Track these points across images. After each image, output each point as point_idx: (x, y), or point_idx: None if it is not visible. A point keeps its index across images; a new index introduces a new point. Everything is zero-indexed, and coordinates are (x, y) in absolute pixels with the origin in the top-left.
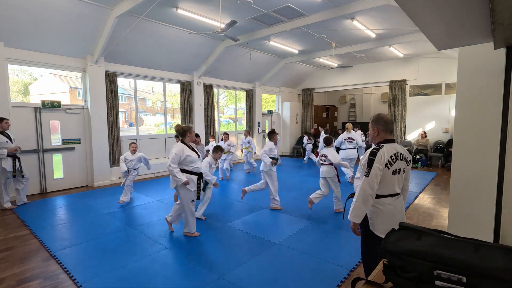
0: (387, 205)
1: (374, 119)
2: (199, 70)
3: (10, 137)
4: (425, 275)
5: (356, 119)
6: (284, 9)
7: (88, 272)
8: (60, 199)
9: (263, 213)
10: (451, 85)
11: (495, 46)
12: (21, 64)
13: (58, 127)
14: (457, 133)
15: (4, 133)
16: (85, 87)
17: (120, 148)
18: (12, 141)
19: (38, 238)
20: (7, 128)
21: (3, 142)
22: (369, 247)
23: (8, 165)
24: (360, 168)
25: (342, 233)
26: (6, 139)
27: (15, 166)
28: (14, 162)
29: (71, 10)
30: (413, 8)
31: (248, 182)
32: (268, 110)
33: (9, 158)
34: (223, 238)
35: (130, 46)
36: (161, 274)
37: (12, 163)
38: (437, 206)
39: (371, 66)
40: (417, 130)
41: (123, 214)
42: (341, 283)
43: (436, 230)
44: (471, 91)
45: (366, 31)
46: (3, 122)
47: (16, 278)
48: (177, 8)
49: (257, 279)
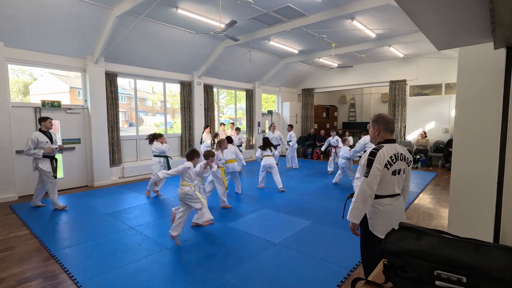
0: (387, 205)
1: (375, 119)
2: (199, 70)
3: (51, 137)
4: (425, 275)
5: (356, 119)
6: (284, 9)
7: (88, 272)
8: (60, 199)
9: (263, 213)
10: (451, 85)
11: (495, 46)
12: (21, 64)
13: (58, 127)
14: (457, 133)
15: (47, 133)
16: (85, 87)
17: (120, 148)
18: (53, 142)
19: (38, 238)
20: (50, 128)
21: (43, 142)
22: (369, 248)
23: (46, 166)
24: (360, 168)
25: (342, 233)
26: (46, 139)
27: (53, 166)
28: (52, 163)
29: (71, 10)
30: (413, 8)
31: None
32: (268, 110)
33: (47, 159)
34: (223, 238)
35: (130, 46)
36: (161, 274)
37: (51, 164)
38: (437, 206)
39: (371, 66)
40: (417, 130)
41: (123, 214)
42: (341, 283)
43: (436, 230)
44: (471, 91)
45: (366, 31)
46: (47, 121)
47: (16, 278)
48: (177, 8)
49: (257, 279)
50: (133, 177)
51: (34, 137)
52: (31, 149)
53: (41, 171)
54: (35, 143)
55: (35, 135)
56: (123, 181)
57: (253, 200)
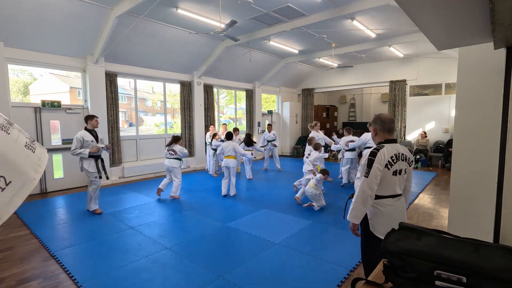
0: (388, 206)
1: (373, 120)
2: (199, 70)
3: (97, 136)
4: (425, 275)
5: (356, 119)
6: (284, 9)
7: (88, 272)
8: (60, 199)
9: (263, 213)
10: (451, 85)
11: (495, 46)
12: (21, 64)
13: (58, 127)
14: (457, 133)
15: (93, 132)
16: (85, 87)
17: (120, 148)
18: (99, 141)
19: (38, 238)
20: (97, 126)
21: (88, 141)
22: (369, 248)
23: (90, 166)
24: (360, 168)
25: (342, 233)
26: (92, 138)
27: (98, 167)
28: (97, 163)
29: (71, 10)
30: (413, 8)
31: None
32: (268, 110)
33: (92, 159)
34: (223, 238)
35: (130, 46)
36: (161, 274)
37: (95, 164)
38: (437, 206)
39: (371, 66)
40: (417, 130)
41: (123, 214)
42: (341, 283)
43: (436, 230)
44: (471, 91)
45: (366, 31)
46: (93, 120)
47: (16, 278)
48: (177, 8)
49: (257, 279)
50: (133, 177)
51: (79, 136)
52: (77, 148)
53: (86, 171)
54: (81, 142)
55: (80, 134)
56: (123, 181)
57: (253, 200)
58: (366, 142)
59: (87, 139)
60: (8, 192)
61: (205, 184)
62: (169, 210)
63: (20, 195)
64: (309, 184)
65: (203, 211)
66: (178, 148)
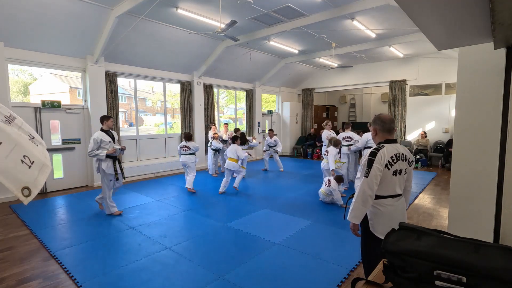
0: (388, 206)
1: (373, 120)
2: (199, 70)
3: (113, 137)
4: (425, 275)
5: (356, 119)
6: (284, 9)
7: (88, 272)
8: (60, 199)
9: (263, 213)
10: (451, 85)
11: (495, 46)
12: (21, 64)
13: (58, 127)
14: (457, 133)
15: (109, 133)
16: (85, 87)
17: None
18: (115, 142)
19: (38, 238)
20: (112, 127)
21: (105, 142)
22: (369, 248)
23: (107, 167)
24: (360, 168)
25: (342, 233)
26: (109, 139)
27: (116, 168)
28: (114, 164)
29: (71, 10)
30: (413, 9)
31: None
32: (268, 110)
33: (109, 160)
34: (223, 238)
35: (130, 46)
36: (161, 274)
37: (113, 165)
38: (437, 206)
39: (371, 66)
40: (417, 130)
41: (123, 214)
42: (341, 283)
43: (436, 230)
44: (471, 91)
45: (366, 31)
46: (109, 120)
47: (16, 278)
48: (177, 8)
49: (257, 279)
50: (133, 177)
51: (96, 137)
52: (94, 150)
53: (102, 172)
54: (98, 143)
55: (97, 135)
56: (123, 181)
57: (253, 200)
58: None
59: (104, 140)
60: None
61: (205, 184)
62: (169, 210)
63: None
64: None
65: (203, 211)
66: (191, 144)
